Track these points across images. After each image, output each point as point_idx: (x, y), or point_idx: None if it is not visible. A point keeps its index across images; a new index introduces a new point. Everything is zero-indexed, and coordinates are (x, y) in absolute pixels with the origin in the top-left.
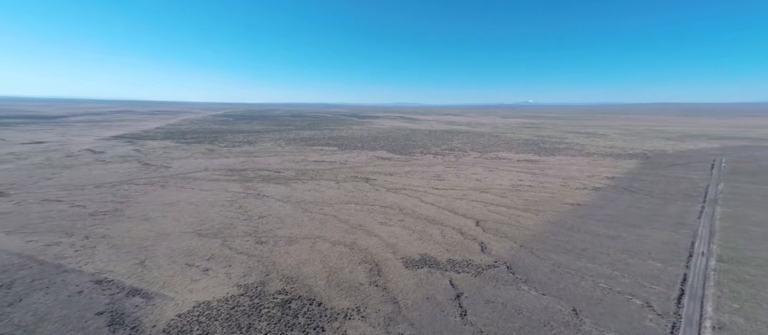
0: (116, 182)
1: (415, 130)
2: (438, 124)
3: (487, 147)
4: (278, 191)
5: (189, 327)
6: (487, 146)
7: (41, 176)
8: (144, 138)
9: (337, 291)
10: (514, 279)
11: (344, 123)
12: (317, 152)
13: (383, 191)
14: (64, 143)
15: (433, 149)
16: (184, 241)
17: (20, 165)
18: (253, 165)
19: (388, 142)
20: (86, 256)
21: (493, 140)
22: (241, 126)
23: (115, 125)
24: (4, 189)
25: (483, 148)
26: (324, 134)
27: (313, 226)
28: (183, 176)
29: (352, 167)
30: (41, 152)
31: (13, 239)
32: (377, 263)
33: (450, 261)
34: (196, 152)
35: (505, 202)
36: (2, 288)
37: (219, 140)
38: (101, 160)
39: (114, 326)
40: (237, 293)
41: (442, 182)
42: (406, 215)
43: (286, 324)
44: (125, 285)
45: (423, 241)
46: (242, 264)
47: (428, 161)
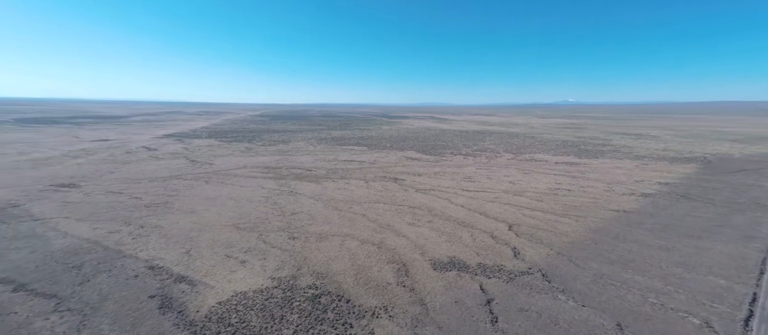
0: (167, 177)
1: (445, 130)
2: (469, 124)
3: (522, 148)
4: (310, 189)
5: (228, 315)
6: (521, 148)
7: (106, 170)
8: (191, 137)
9: (365, 289)
10: (550, 288)
11: (374, 123)
12: (347, 152)
13: (412, 192)
14: (124, 141)
15: (463, 149)
16: (225, 233)
17: (89, 160)
18: (286, 163)
19: (417, 142)
20: (141, 243)
21: (529, 141)
22: (276, 126)
23: (167, 124)
24: (77, 181)
25: (517, 149)
26: (354, 134)
27: (342, 224)
28: (224, 172)
29: (381, 167)
30: (106, 148)
31: (82, 226)
32: (405, 263)
33: (480, 265)
34: (235, 151)
35: (540, 206)
36: (74, 269)
37: (256, 139)
38: (155, 156)
39: (163, 309)
40: (271, 285)
41: (472, 184)
42: (435, 216)
43: (316, 318)
44: (173, 272)
45: (452, 243)
46: (276, 258)
47: (458, 162)
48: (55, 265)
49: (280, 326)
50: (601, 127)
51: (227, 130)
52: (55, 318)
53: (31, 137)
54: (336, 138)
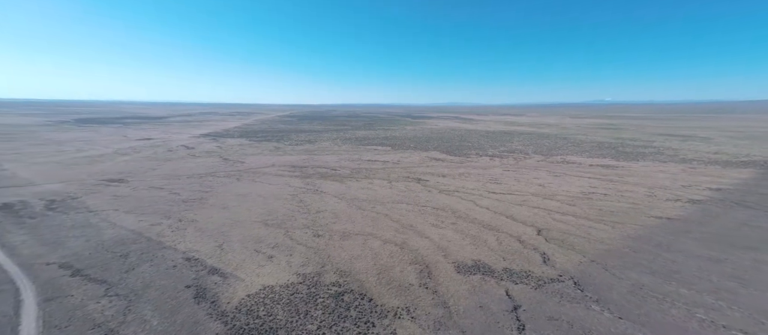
0: (203, 174)
1: (470, 130)
2: (496, 124)
3: (553, 150)
4: (334, 188)
5: (256, 307)
6: (552, 149)
7: (149, 167)
8: (224, 136)
9: (387, 289)
10: (582, 297)
11: (398, 123)
12: (371, 152)
13: (435, 193)
14: (165, 140)
15: (489, 150)
16: (254, 229)
17: (135, 157)
18: (312, 163)
19: (441, 142)
20: (179, 236)
21: (560, 142)
22: (303, 126)
23: (202, 124)
24: (124, 177)
25: (547, 151)
26: (378, 134)
27: (365, 223)
28: (254, 170)
29: (404, 167)
30: (150, 147)
31: (129, 218)
32: (428, 265)
33: (506, 270)
34: (265, 150)
35: (573, 211)
36: (121, 257)
37: (284, 139)
38: (192, 154)
39: (198, 299)
40: (296, 280)
41: (499, 186)
42: (459, 218)
43: (339, 316)
44: (207, 264)
45: (476, 246)
46: (301, 255)
47: (484, 163)
48: (105, 253)
49: (304, 321)
50: (641, 127)
51: (258, 130)
52: (105, 302)
53: (87, 136)
54: (360, 138)
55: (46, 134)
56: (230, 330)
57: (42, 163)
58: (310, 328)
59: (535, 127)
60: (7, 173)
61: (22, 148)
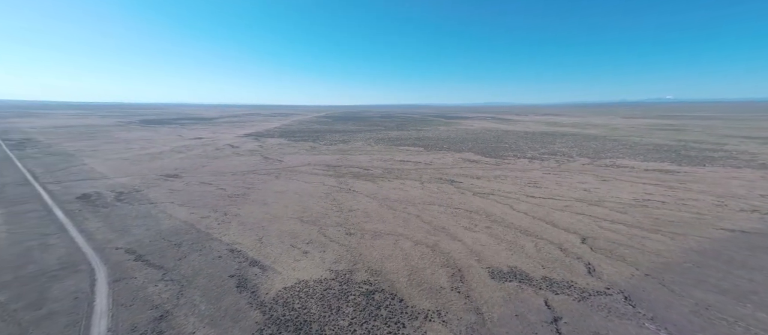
0: (246, 172)
1: (507, 131)
2: (536, 125)
3: (601, 152)
4: (366, 188)
5: (291, 300)
6: (600, 151)
7: (200, 164)
8: (265, 136)
9: (418, 291)
10: (634, 313)
11: (431, 124)
12: (403, 152)
13: (469, 195)
14: (214, 139)
15: (528, 152)
16: (290, 225)
17: (188, 155)
18: (346, 162)
19: (476, 144)
20: (224, 229)
21: (610, 144)
22: (338, 126)
23: (246, 125)
24: (179, 173)
25: (595, 153)
26: (410, 135)
27: (396, 224)
28: (291, 169)
29: (437, 169)
30: (200, 145)
31: (182, 210)
32: (460, 269)
33: (546, 278)
34: (301, 149)
35: (624, 219)
36: (175, 246)
37: (320, 139)
38: (237, 153)
39: (240, 288)
40: (329, 277)
41: (538, 190)
42: (494, 222)
43: (370, 314)
44: (248, 256)
45: (513, 252)
46: (334, 252)
47: (522, 165)
48: (162, 242)
49: (336, 317)
50: (709, 128)
51: (296, 130)
52: (162, 286)
53: (149, 135)
54: (393, 138)
55: (118, 134)
56: (268, 320)
57: (113, 159)
58: (342, 324)
59: (580, 128)
60: (86, 167)
61: (99, 146)
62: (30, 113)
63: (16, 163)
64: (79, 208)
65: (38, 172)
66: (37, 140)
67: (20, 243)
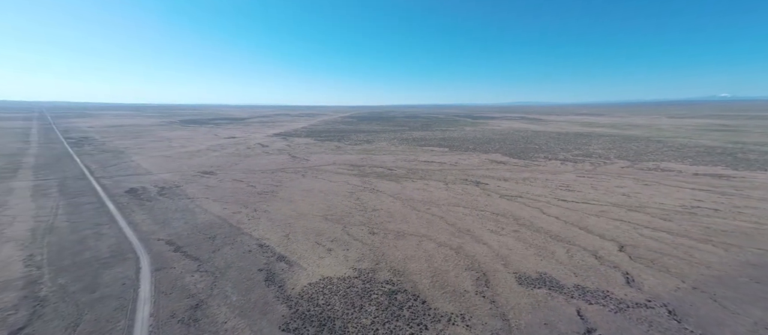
0: (274, 170)
1: (538, 132)
2: (569, 125)
3: (642, 155)
4: (390, 188)
5: (316, 296)
6: (641, 154)
7: (232, 162)
8: (293, 135)
9: (441, 293)
10: (679, 329)
11: (457, 124)
12: (428, 153)
13: (495, 197)
14: (245, 139)
15: (560, 154)
16: (315, 223)
17: (223, 153)
18: (370, 162)
19: (503, 144)
20: (254, 224)
21: (653, 145)
22: (363, 127)
23: (276, 125)
24: (214, 170)
25: (635, 155)
26: (435, 135)
27: (420, 224)
28: (317, 167)
29: (462, 170)
30: (233, 144)
31: (216, 205)
32: (485, 273)
33: (578, 287)
34: (327, 149)
35: (669, 227)
36: (210, 239)
37: (345, 139)
38: (266, 152)
39: (268, 282)
40: (352, 274)
41: (571, 193)
42: (522, 226)
43: (392, 314)
44: (276, 252)
45: (542, 258)
46: (357, 250)
47: (554, 167)
48: (198, 235)
49: (359, 314)
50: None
51: (321, 130)
52: (197, 276)
53: (188, 135)
54: (417, 139)
55: (160, 133)
56: (294, 314)
57: (156, 156)
58: (365, 322)
59: (619, 128)
60: (133, 163)
61: (144, 144)
62: (86, 113)
63: (76, 159)
64: (127, 201)
65: (93, 167)
66: (93, 138)
67: (78, 232)
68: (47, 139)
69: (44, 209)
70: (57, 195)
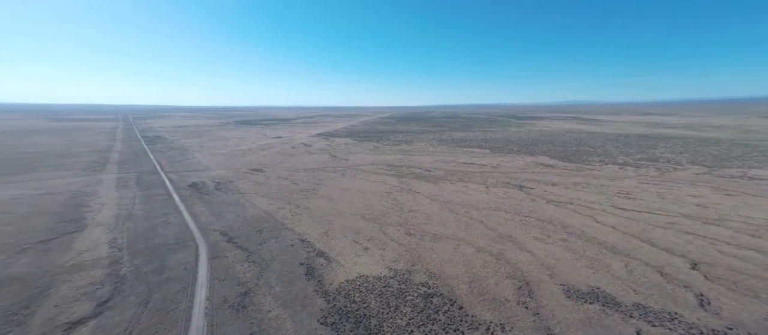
0: (315, 168)
1: (593, 133)
2: (631, 126)
3: (724, 160)
4: (427, 189)
5: (352, 293)
6: (723, 159)
7: (279, 161)
8: (334, 136)
9: (480, 300)
10: None
11: (499, 124)
12: (467, 154)
13: (541, 203)
14: (290, 138)
15: (620, 158)
16: (353, 221)
17: (270, 152)
18: (407, 163)
19: (552, 146)
20: (297, 220)
21: (739, 150)
22: (401, 127)
23: (318, 125)
24: (262, 167)
25: (715, 161)
26: (476, 136)
27: (457, 227)
28: (356, 167)
29: (504, 172)
30: (280, 144)
31: (263, 201)
32: (528, 282)
33: (639, 306)
34: (365, 149)
35: (758, 244)
36: (257, 232)
37: (383, 139)
38: (309, 151)
39: (308, 276)
40: (388, 274)
41: (631, 202)
42: (572, 234)
43: (427, 317)
44: (316, 247)
45: (595, 271)
46: (393, 250)
47: (611, 172)
48: (247, 227)
49: (394, 315)
50: None
51: (361, 130)
52: (246, 266)
53: (241, 134)
54: (457, 140)
55: (218, 132)
56: (331, 309)
57: (214, 154)
58: (400, 323)
59: (694, 129)
60: (195, 160)
61: (204, 143)
62: (159, 115)
63: (150, 155)
64: (190, 194)
65: (163, 163)
66: (164, 137)
67: (150, 220)
68: (128, 137)
69: (125, 199)
70: (135, 187)
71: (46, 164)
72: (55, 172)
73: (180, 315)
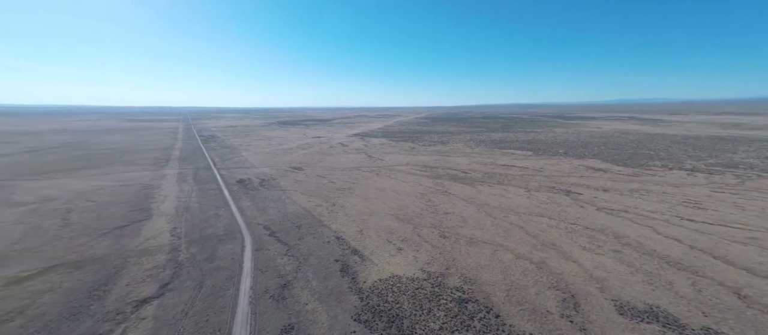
0: (351, 168)
1: (653, 135)
2: (703, 126)
3: None
4: (464, 191)
5: (385, 292)
6: None
7: (317, 160)
8: (370, 136)
9: (518, 310)
10: None
11: (544, 125)
12: (507, 156)
13: (590, 209)
14: (328, 138)
15: (687, 162)
16: (387, 221)
17: (309, 151)
18: (443, 164)
19: (604, 149)
20: (333, 217)
21: None
22: (438, 128)
23: (355, 125)
24: (302, 166)
25: None
26: (517, 137)
27: (495, 232)
28: (391, 167)
29: (548, 176)
30: (318, 144)
31: (302, 198)
32: (574, 294)
33: (709, 330)
34: (401, 149)
35: None
36: (296, 227)
37: (419, 140)
38: (345, 151)
39: (343, 273)
40: (421, 276)
41: (701, 212)
42: (626, 245)
43: (462, 323)
44: (350, 245)
45: (654, 287)
46: (427, 252)
47: (675, 179)
48: (287, 223)
49: (427, 318)
50: None
51: (396, 131)
52: (286, 260)
53: (283, 134)
54: (496, 141)
55: (262, 132)
56: (365, 306)
57: (259, 152)
58: (433, 327)
59: None
60: (242, 158)
61: (251, 142)
62: (211, 116)
63: (205, 153)
64: (238, 190)
65: (216, 160)
66: (217, 136)
67: (204, 212)
68: (187, 136)
69: (184, 192)
70: (192, 182)
71: (121, 160)
72: (128, 166)
73: (228, 301)
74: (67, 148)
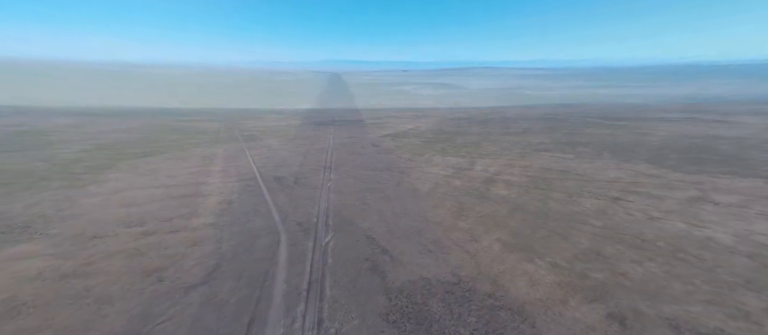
0: (382, 168)
1: (717, 137)
2: None
3: None
4: (496, 194)
5: (414, 294)
6: None
7: (349, 160)
8: (401, 136)
9: (556, 323)
10: None
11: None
12: (545, 158)
13: (641, 218)
14: (361, 139)
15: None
16: (415, 222)
17: (341, 151)
18: (475, 165)
19: (659, 153)
20: (363, 217)
21: None
22: (473, 129)
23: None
24: (334, 166)
25: None
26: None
27: (533, 239)
28: (420, 169)
29: (589, 180)
30: (350, 144)
31: (334, 197)
32: (620, 309)
33: None
34: (432, 151)
35: None
36: (327, 225)
37: (450, 141)
38: (377, 151)
39: (372, 271)
40: (451, 280)
41: None
42: (683, 261)
43: (494, 331)
44: (380, 245)
45: (718, 308)
46: (457, 256)
47: (749, 187)
48: (320, 220)
49: (457, 323)
50: None
51: (428, 131)
52: (317, 256)
53: (317, 134)
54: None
55: (298, 132)
56: (393, 307)
57: (294, 152)
58: (463, 333)
59: None
60: (280, 157)
61: (286, 142)
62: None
63: (246, 152)
64: (275, 186)
65: (255, 158)
66: (256, 136)
67: (244, 207)
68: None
69: (227, 187)
70: (235, 179)
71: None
72: (178, 152)
73: (264, 292)
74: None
